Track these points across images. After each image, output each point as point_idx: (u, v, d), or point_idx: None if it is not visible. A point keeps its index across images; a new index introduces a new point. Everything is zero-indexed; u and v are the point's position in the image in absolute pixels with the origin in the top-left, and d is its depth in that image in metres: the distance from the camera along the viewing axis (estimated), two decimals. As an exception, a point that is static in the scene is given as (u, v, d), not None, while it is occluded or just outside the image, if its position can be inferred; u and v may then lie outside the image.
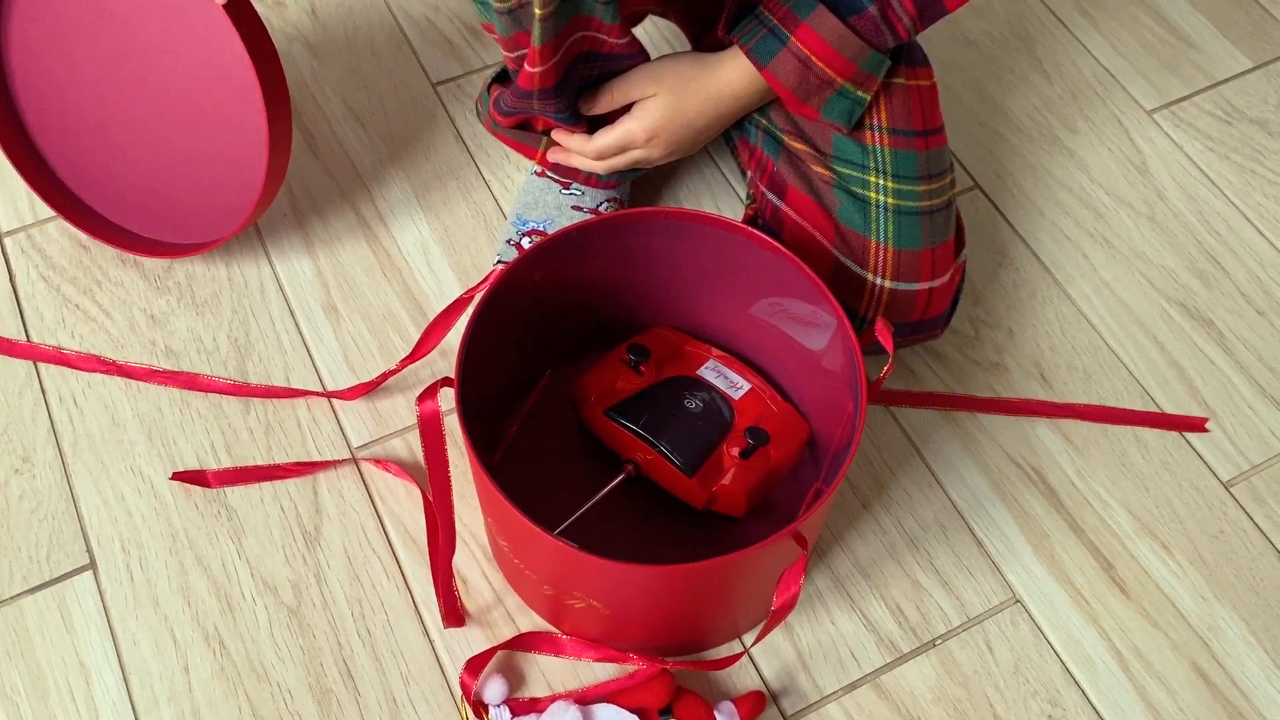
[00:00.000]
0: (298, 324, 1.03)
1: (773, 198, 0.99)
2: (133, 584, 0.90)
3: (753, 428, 0.90)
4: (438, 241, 1.08)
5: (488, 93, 1.08)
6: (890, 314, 0.95)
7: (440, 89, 1.18)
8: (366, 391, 0.98)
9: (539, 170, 1.07)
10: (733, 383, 0.93)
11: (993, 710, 0.87)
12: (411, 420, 0.98)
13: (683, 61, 0.95)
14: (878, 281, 0.94)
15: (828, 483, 0.83)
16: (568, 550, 0.74)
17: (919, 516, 0.96)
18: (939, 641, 0.90)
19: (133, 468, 0.95)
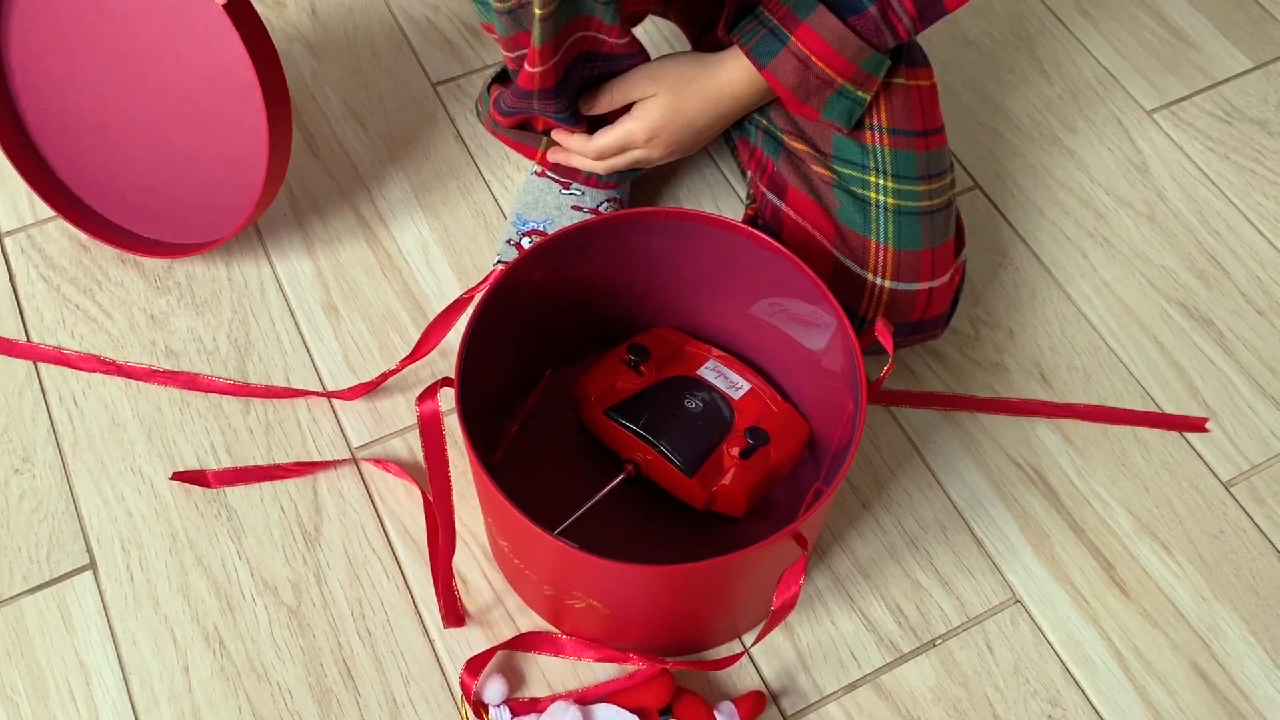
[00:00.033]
0: (298, 324, 1.03)
1: (773, 198, 0.99)
2: (133, 584, 0.90)
3: (753, 428, 0.90)
4: (438, 241, 1.08)
5: (488, 93, 1.08)
6: (890, 314, 0.95)
7: (440, 89, 1.18)
8: (366, 391, 0.98)
9: (539, 170, 1.07)
10: (733, 383, 0.93)
11: (993, 710, 0.87)
12: (411, 420, 0.98)
13: (683, 61, 0.95)
14: (878, 281, 0.94)
15: (828, 483, 0.83)
16: (568, 550, 0.74)
17: (919, 516, 0.96)
18: (939, 641, 0.90)
19: (133, 468, 0.95)
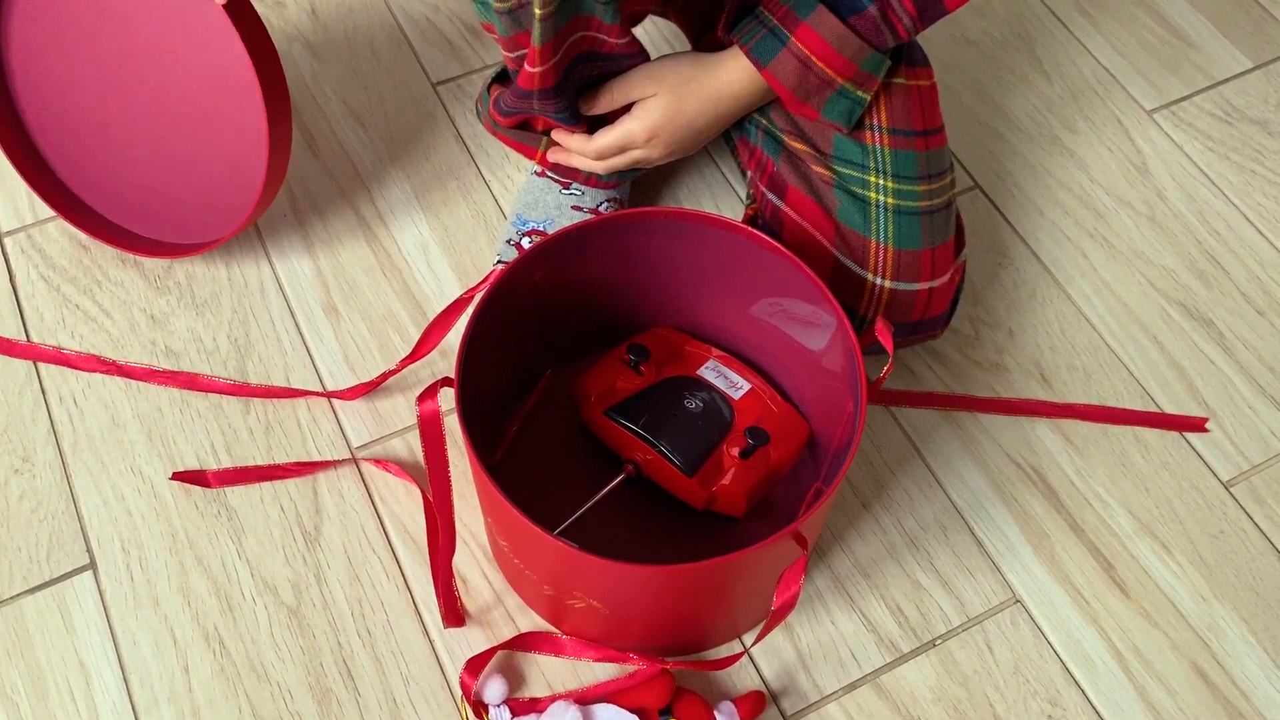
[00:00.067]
0: (298, 324, 1.03)
1: (773, 198, 0.99)
2: (133, 584, 0.90)
3: (753, 428, 0.90)
4: (438, 241, 1.08)
5: (488, 93, 1.08)
6: (890, 314, 0.95)
7: (440, 89, 1.18)
8: (366, 391, 0.98)
9: (539, 170, 1.06)
10: (733, 383, 0.93)
11: (993, 710, 0.87)
12: (411, 420, 0.98)
13: (683, 61, 0.95)
14: (878, 281, 0.94)
15: (828, 483, 0.83)
16: (568, 550, 0.74)
17: (919, 516, 0.96)
18: (939, 641, 0.90)
19: (133, 468, 0.95)
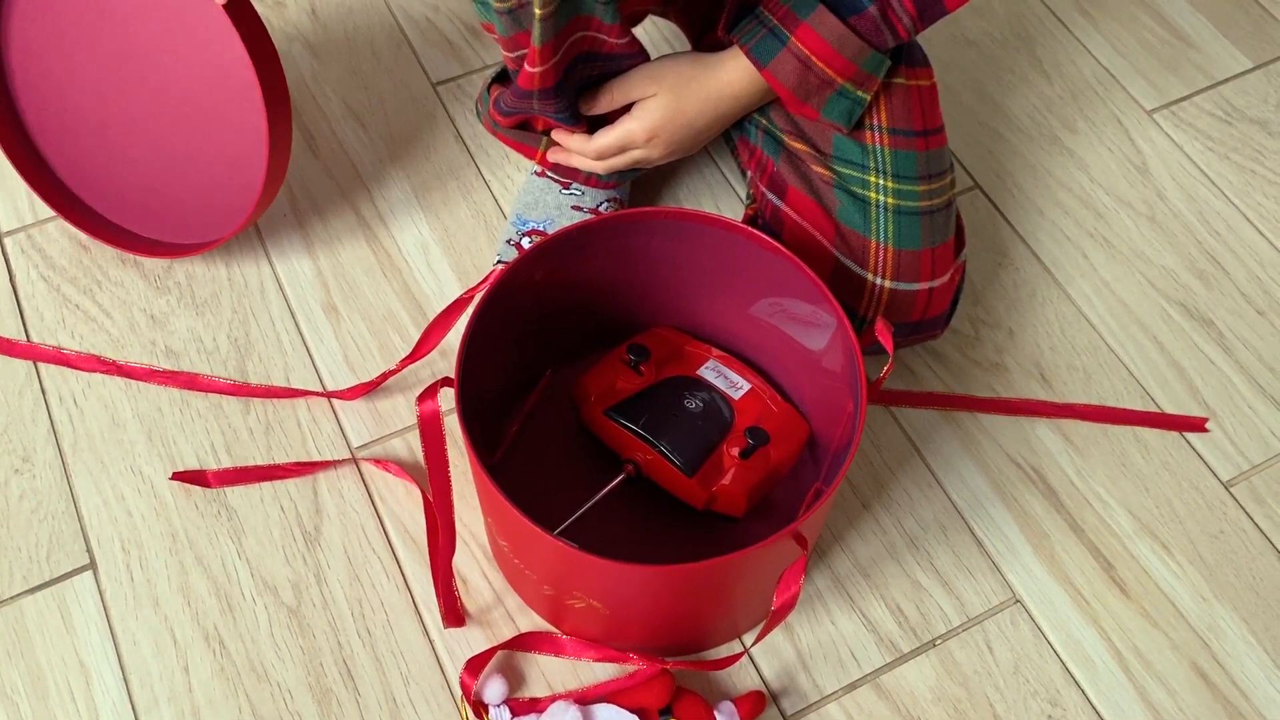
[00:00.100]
0: (298, 324, 1.03)
1: (773, 198, 0.99)
2: (133, 584, 0.90)
3: (753, 428, 0.90)
4: (438, 241, 1.08)
5: (488, 93, 1.08)
6: (890, 314, 0.95)
7: (440, 89, 1.18)
8: (366, 391, 0.98)
9: (539, 170, 1.06)
10: (733, 383, 0.93)
11: (993, 710, 0.87)
12: (411, 420, 0.98)
13: (683, 61, 0.95)
14: (878, 281, 0.94)
15: (828, 483, 0.83)
16: (568, 550, 0.74)
17: (919, 516, 0.96)
18: (939, 641, 0.90)
19: (133, 468, 0.95)
